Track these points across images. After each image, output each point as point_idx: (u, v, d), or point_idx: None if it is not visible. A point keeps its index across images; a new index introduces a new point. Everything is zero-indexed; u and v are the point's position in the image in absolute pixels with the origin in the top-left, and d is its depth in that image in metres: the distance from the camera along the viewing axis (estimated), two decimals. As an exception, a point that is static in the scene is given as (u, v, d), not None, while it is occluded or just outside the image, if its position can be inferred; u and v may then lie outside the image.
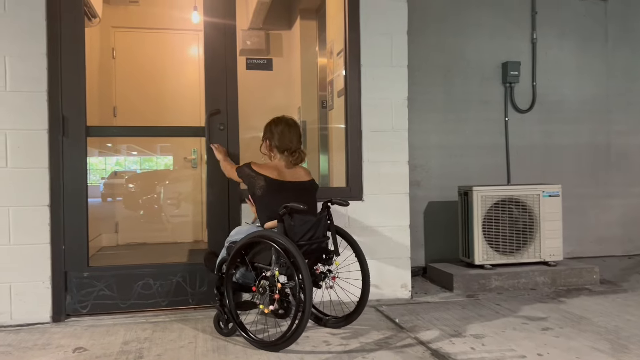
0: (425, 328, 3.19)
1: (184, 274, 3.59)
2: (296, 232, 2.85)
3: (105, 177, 6.35)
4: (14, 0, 3.27)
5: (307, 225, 2.89)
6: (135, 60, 6.48)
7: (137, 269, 3.56)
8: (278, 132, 3.08)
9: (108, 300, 3.48)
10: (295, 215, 2.85)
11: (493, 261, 4.24)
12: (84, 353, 2.81)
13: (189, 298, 3.61)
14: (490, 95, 4.98)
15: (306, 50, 5.96)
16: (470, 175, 4.83)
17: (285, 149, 3.08)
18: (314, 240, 2.94)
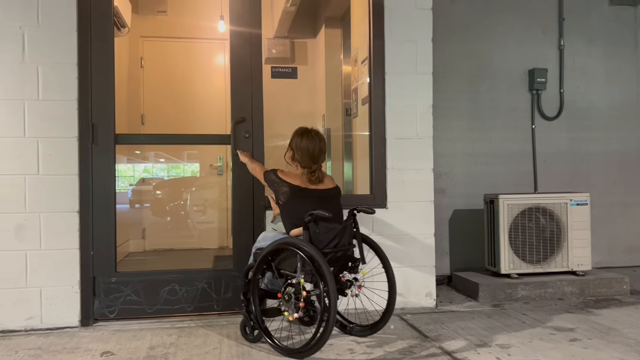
0: (450, 337, 3.15)
1: (210, 280, 3.63)
2: (321, 239, 2.85)
3: (133, 184, 6.45)
4: (47, 13, 3.37)
5: (332, 232, 2.89)
6: (163, 69, 6.60)
7: (163, 274, 3.61)
8: (301, 149, 3.08)
9: (135, 305, 3.53)
10: (321, 222, 2.85)
11: (519, 270, 4.18)
12: (111, 357, 2.85)
13: (214, 304, 3.64)
14: (516, 102, 4.93)
15: (331, 58, 5.98)
16: (496, 183, 4.78)
17: (307, 167, 3.09)
18: (340, 248, 2.93)
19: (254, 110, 3.71)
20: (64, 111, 3.39)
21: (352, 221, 3.06)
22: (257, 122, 3.71)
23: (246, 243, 3.63)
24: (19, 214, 3.33)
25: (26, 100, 3.35)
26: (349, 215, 3.08)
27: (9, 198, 3.33)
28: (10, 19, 3.34)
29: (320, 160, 3.11)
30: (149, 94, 6.59)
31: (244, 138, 3.68)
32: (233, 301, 3.63)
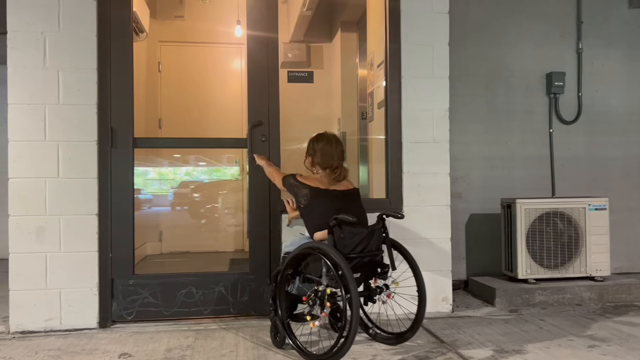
0: (466, 343, 3.14)
1: (226, 283, 3.65)
2: (346, 244, 2.79)
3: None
4: (67, 19, 3.42)
5: (358, 237, 2.84)
6: (180, 74, 6.65)
7: (181, 277, 3.64)
8: (320, 150, 3.09)
9: (152, 307, 3.56)
10: (346, 227, 2.80)
11: (537, 275, 4.15)
12: (129, 359, 2.88)
13: (231, 307, 3.65)
14: (534, 106, 4.89)
15: (346, 62, 5.99)
16: (513, 188, 4.75)
17: (327, 166, 3.08)
18: (366, 254, 2.87)
19: (270, 114, 3.73)
20: (84, 115, 3.44)
21: (381, 226, 2.99)
22: (274, 126, 3.72)
23: (262, 246, 3.65)
24: (39, 216, 3.38)
25: (47, 105, 3.41)
26: (377, 220, 3.01)
27: (30, 201, 3.38)
28: (32, 25, 3.40)
29: (340, 158, 3.11)
30: (167, 98, 6.65)
31: (260, 142, 3.69)
32: (249, 305, 3.66)
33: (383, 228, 3.00)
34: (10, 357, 2.92)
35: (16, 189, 3.38)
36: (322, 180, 3.06)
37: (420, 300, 2.97)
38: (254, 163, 3.63)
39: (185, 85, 6.66)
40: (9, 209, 3.37)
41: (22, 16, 3.39)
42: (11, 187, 3.38)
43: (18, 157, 3.38)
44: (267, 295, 3.52)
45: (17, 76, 3.39)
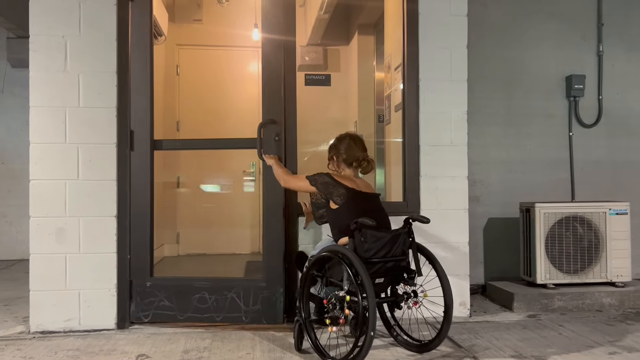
0: (484, 348, 3.11)
1: (239, 290, 3.57)
2: (368, 248, 2.76)
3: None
4: (88, 23, 3.46)
5: (380, 241, 2.80)
6: (198, 76, 6.70)
7: (194, 281, 3.60)
8: (344, 146, 3.10)
9: (167, 311, 3.55)
10: (368, 231, 2.76)
11: (556, 280, 4.10)
12: (146, 360, 2.90)
13: (243, 315, 3.57)
14: (553, 109, 4.84)
15: (363, 65, 5.99)
16: (532, 191, 4.69)
17: (354, 160, 3.08)
18: (390, 258, 2.83)
19: (287, 117, 3.72)
20: (103, 118, 3.47)
21: (407, 230, 2.95)
22: (291, 130, 3.71)
23: (277, 248, 3.64)
24: (59, 217, 3.42)
25: (67, 107, 3.45)
26: (404, 225, 2.97)
27: (50, 202, 3.42)
28: (53, 29, 3.44)
29: (364, 150, 3.12)
30: (184, 101, 6.70)
31: (274, 141, 3.64)
32: (262, 314, 3.56)
33: (409, 232, 2.96)
34: (30, 357, 2.96)
35: (37, 190, 3.42)
36: (354, 181, 3.04)
37: (445, 312, 2.89)
38: (265, 165, 3.56)
39: (203, 88, 6.70)
40: (30, 210, 3.42)
41: (43, 20, 3.44)
42: (32, 188, 3.43)
43: (39, 159, 3.42)
44: (280, 304, 3.52)
45: (38, 79, 3.44)
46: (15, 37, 6.33)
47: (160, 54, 6.39)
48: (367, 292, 2.56)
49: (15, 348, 3.12)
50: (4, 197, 6.46)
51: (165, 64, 6.63)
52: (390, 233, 2.88)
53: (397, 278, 2.95)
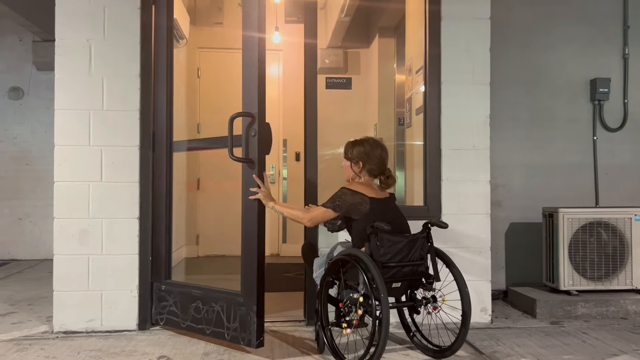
0: (506, 355, 3.07)
1: (222, 303, 3.13)
2: (384, 253, 2.76)
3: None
4: (112, 26, 3.50)
5: (397, 246, 2.79)
6: (219, 79, 6.73)
7: (192, 289, 3.35)
8: (377, 157, 3.01)
9: (174, 316, 3.42)
10: (384, 235, 2.76)
11: (579, 287, 4.03)
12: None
13: (225, 332, 3.13)
14: (577, 113, 4.77)
15: (384, 68, 5.97)
16: (555, 196, 4.63)
17: (381, 173, 3.04)
18: (406, 263, 2.82)
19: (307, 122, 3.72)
20: (126, 121, 3.51)
21: (426, 235, 2.93)
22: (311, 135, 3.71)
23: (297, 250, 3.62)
24: (82, 219, 3.46)
25: (91, 110, 3.49)
26: (422, 229, 2.96)
27: (74, 204, 3.46)
28: (78, 33, 3.49)
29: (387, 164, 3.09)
30: (205, 104, 6.74)
31: (250, 138, 3.04)
32: (239, 332, 3.03)
33: (427, 237, 2.94)
34: (54, 357, 3.00)
35: (61, 192, 3.47)
36: (373, 188, 3.00)
37: (463, 318, 2.87)
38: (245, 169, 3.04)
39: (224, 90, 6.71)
40: (54, 211, 3.46)
41: (69, 24, 3.49)
42: (56, 190, 3.47)
43: (63, 161, 3.47)
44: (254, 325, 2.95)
45: (63, 82, 3.49)
46: (41, 41, 6.43)
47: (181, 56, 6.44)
48: (381, 297, 2.56)
49: (38, 347, 3.16)
50: (28, 198, 6.56)
51: (187, 66, 6.68)
52: (407, 238, 2.86)
53: (415, 283, 2.93)
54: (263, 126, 3.02)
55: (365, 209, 2.88)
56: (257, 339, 2.94)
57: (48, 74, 6.47)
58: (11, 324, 3.65)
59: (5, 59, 6.59)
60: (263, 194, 2.94)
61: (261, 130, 3.01)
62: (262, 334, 2.96)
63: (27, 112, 6.59)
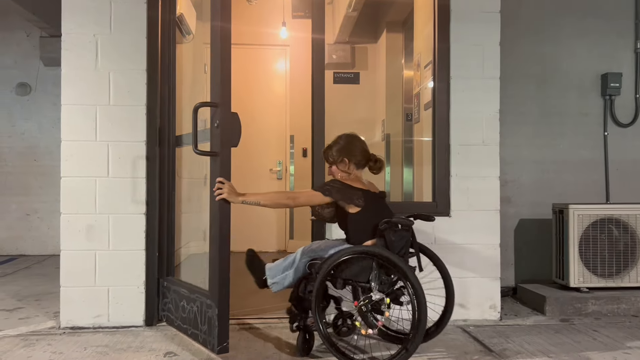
0: (515, 352, 3.03)
1: (198, 303, 3.04)
2: (396, 246, 2.76)
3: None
4: (119, 21, 3.48)
5: (403, 240, 2.81)
6: (226, 75, 6.70)
7: (181, 287, 3.28)
8: (357, 147, 3.01)
9: (170, 314, 3.43)
10: (397, 230, 2.77)
11: (590, 284, 3.98)
12: (174, 358, 2.90)
13: (199, 334, 3.03)
14: (587, 108, 4.71)
15: (392, 63, 5.92)
16: (565, 192, 4.58)
17: (369, 160, 3.01)
18: (405, 257, 2.85)
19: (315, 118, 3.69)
20: (133, 116, 3.49)
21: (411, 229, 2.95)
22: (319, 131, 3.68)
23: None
24: (89, 215, 3.45)
25: (98, 105, 3.47)
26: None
27: (80, 199, 3.45)
28: (84, 28, 3.47)
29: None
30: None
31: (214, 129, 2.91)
32: (207, 335, 2.91)
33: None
34: (60, 352, 2.99)
35: (68, 187, 3.46)
36: (364, 184, 2.97)
37: (447, 300, 2.98)
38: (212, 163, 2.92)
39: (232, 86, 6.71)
40: (61, 207, 3.45)
41: (75, 19, 3.47)
42: (63, 185, 3.46)
43: (70, 157, 3.46)
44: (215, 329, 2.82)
45: (70, 77, 3.47)
46: (48, 36, 6.43)
47: (188, 52, 6.41)
48: (417, 288, 2.57)
49: (45, 343, 3.16)
50: (36, 194, 6.57)
51: (194, 62, 6.66)
52: (409, 231, 2.87)
53: None
54: (226, 116, 2.80)
55: (360, 202, 2.84)
56: (220, 343, 2.75)
57: (55, 70, 6.46)
58: (18, 319, 3.66)
59: (13, 54, 6.59)
60: (227, 190, 2.79)
61: (224, 121, 2.78)
62: (225, 339, 2.77)
63: (35, 107, 6.60)
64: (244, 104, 6.70)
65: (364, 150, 3.01)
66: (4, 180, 6.54)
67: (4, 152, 6.56)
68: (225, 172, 2.79)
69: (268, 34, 6.63)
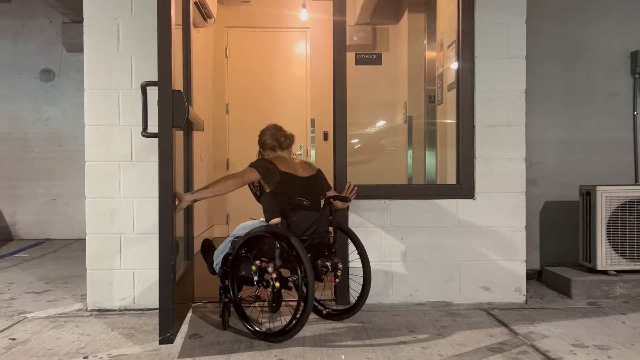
0: (542, 335, 2.99)
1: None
2: (300, 226, 2.96)
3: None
4: (139, 4, 3.47)
5: (310, 220, 3.01)
6: (247, 59, 6.70)
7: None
8: (268, 134, 3.26)
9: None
10: (300, 211, 2.96)
11: (618, 267, 3.91)
12: (198, 339, 2.93)
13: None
14: (616, 87, 4.59)
15: (413, 44, 5.83)
16: (591, 173, 4.48)
17: (274, 140, 3.22)
18: (316, 236, 3.05)
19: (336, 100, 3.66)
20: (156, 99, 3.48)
21: (329, 209, 3.17)
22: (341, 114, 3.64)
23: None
24: (114, 199, 3.48)
25: (120, 90, 3.48)
26: (325, 203, 3.19)
27: (105, 183, 3.48)
28: (106, 12, 3.47)
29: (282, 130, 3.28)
30: (233, 83, 6.72)
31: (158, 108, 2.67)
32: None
33: (330, 211, 3.18)
34: (88, 334, 3.04)
35: (92, 171, 3.49)
36: (289, 163, 3.15)
37: (365, 278, 3.18)
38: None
39: (252, 70, 6.70)
40: (86, 191, 3.49)
41: (96, 3, 3.46)
42: (87, 170, 3.49)
43: (94, 141, 3.48)
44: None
45: (92, 62, 3.48)
46: (70, 22, 6.47)
47: (209, 36, 6.41)
48: (305, 265, 2.74)
49: (74, 325, 3.21)
50: (61, 178, 6.67)
51: (215, 46, 6.66)
52: (319, 212, 3.08)
53: (320, 253, 3.15)
54: (165, 94, 2.66)
55: (276, 181, 3.03)
56: (161, 334, 2.62)
57: (77, 56, 6.52)
58: (47, 302, 3.72)
59: (36, 40, 6.66)
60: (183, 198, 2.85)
61: (162, 100, 2.66)
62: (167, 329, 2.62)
63: (58, 93, 6.67)
64: (265, 88, 6.69)
65: (273, 134, 3.25)
66: (30, 165, 6.65)
67: (30, 138, 6.65)
68: (166, 155, 2.65)
69: (288, 16, 6.57)
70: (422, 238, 3.63)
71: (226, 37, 6.70)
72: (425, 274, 3.63)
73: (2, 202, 6.67)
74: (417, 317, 3.36)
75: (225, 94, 6.70)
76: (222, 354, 2.71)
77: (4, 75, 6.64)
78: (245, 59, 6.70)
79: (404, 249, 3.63)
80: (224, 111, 6.69)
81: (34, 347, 2.83)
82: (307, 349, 2.78)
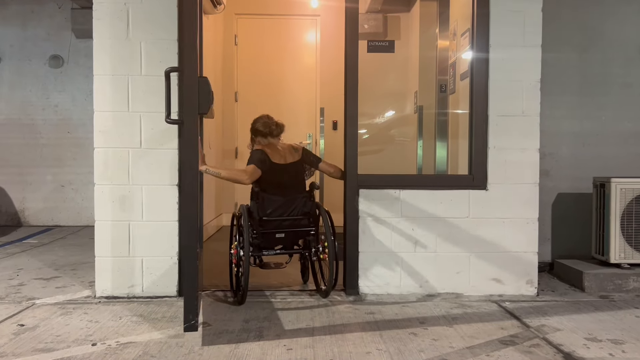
0: (554, 329, 2.96)
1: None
2: (265, 207, 3.45)
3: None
4: (150, -12, 3.43)
5: (276, 203, 3.46)
6: (256, 46, 6.64)
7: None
8: (260, 123, 3.58)
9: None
10: (265, 195, 3.45)
11: (631, 260, 3.85)
12: (207, 328, 2.92)
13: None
14: (632, 77, 4.49)
15: (425, 32, 5.75)
16: (606, 165, 4.41)
17: (267, 128, 3.55)
18: (286, 218, 3.47)
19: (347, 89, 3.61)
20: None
21: (308, 195, 3.57)
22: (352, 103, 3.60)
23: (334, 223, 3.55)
24: (123, 185, 3.46)
25: (130, 76, 3.45)
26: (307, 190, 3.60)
27: (114, 170, 3.46)
28: (115, -4, 3.43)
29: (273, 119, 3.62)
30: (242, 71, 6.67)
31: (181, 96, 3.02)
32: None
33: (311, 197, 3.57)
34: (96, 321, 3.03)
35: (101, 158, 3.47)
36: (277, 150, 3.54)
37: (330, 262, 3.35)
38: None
39: (261, 58, 6.65)
40: (95, 177, 3.47)
41: (106, -13, 3.43)
42: (96, 156, 3.47)
43: (103, 128, 3.46)
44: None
45: (101, 48, 3.45)
46: (79, 8, 6.43)
47: (219, 23, 6.36)
48: (245, 241, 3.25)
49: (82, 311, 3.20)
50: (70, 165, 6.66)
51: (224, 33, 6.61)
52: (285, 197, 3.48)
53: (301, 235, 3.57)
54: (190, 81, 2.67)
55: (266, 167, 3.44)
56: (186, 321, 2.63)
57: (87, 42, 6.48)
58: (55, 288, 3.72)
59: (46, 26, 6.62)
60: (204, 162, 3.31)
61: (186, 86, 2.67)
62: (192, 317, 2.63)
63: (67, 80, 6.64)
64: (274, 76, 6.64)
65: (265, 122, 3.58)
66: (39, 152, 6.65)
67: (39, 124, 6.64)
68: (192, 142, 2.68)
69: (298, 3, 6.50)
70: (433, 229, 3.59)
71: (235, 24, 6.64)
72: (435, 265, 3.60)
73: (12, 189, 6.68)
74: (427, 308, 3.33)
75: (234, 82, 6.65)
76: (231, 343, 2.70)
77: (13, 61, 6.62)
78: (254, 46, 6.64)
79: (415, 239, 3.59)
80: (233, 99, 6.65)
81: (43, 334, 2.83)
82: (316, 338, 2.76)
